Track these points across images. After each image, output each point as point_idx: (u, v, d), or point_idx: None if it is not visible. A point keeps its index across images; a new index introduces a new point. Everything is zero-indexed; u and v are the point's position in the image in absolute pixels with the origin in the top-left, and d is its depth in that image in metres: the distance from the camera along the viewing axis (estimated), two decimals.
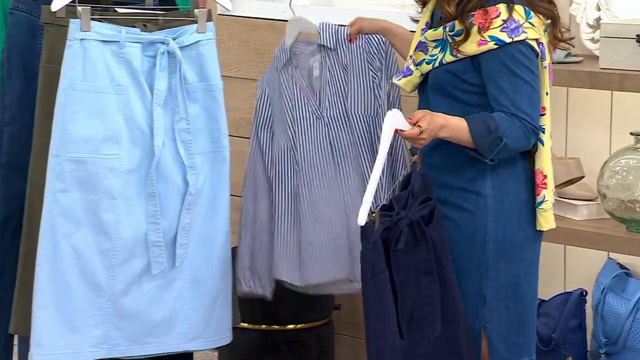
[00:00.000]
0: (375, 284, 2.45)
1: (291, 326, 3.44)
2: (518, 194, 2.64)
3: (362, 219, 2.41)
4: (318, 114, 2.98)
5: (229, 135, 2.89)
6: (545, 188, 2.63)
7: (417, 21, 2.74)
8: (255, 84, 3.82)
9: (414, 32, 2.76)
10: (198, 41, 2.76)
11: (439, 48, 2.62)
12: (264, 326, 3.43)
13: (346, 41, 2.96)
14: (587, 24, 3.34)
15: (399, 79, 2.68)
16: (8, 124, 2.86)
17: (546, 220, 2.65)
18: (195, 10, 2.78)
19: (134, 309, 2.73)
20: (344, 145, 2.98)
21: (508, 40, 2.56)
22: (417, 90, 2.71)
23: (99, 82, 2.70)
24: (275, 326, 3.43)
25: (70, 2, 2.70)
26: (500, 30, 2.56)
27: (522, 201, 2.64)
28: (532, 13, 2.59)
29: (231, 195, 3.01)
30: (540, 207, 2.64)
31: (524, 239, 2.64)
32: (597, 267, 3.34)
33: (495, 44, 2.57)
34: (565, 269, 3.50)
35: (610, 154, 3.30)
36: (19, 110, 2.85)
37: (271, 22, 3.72)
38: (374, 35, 2.98)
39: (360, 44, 2.98)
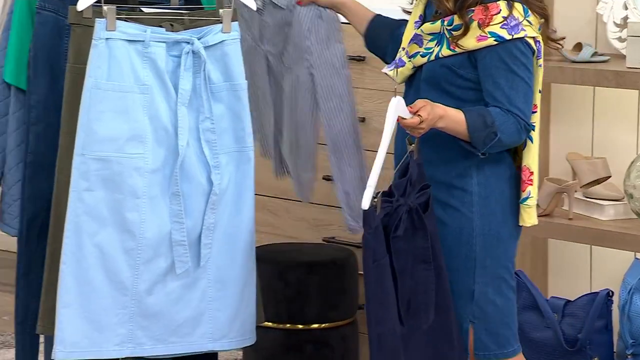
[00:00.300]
0: (376, 269, 2.47)
1: (315, 326, 3.43)
2: (502, 190, 2.67)
3: (365, 203, 2.44)
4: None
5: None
6: (531, 184, 2.67)
7: (408, 12, 2.76)
8: None
9: (402, 21, 2.78)
10: (223, 41, 2.76)
11: (435, 42, 2.65)
12: (288, 325, 3.43)
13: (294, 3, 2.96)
14: (614, 22, 3.32)
15: (390, 70, 2.70)
16: (34, 123, 2.87)
17: (529, 216, 2.68)
18: (220, 10, 2.78)
19: (158, 308, 2.73)
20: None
21: (508, 37, 2.59)
22: (407, 82, 2.72)
23: (124, 82, 2.70)
24: (299, 326, 3.43)
25: (96, 2, 2.69)
26: (501, 27, 2.59)
27: (506, 197, 2.67)
28: (529, 11, 2.62)
29: (256, 194, 3.01)
30: (525, 203, 2.68)
31: (508, 235, 2.67)
32: (623, 268, 3.32)
33: (495, 40, 2.59)
34: (592, 270, 3.49)
35: (637, 154, 3.28)
36: (45, 109, 2.86)
37: None
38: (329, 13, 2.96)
39: (310, 14, 2.96)
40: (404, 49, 2.70)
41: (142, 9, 2.86)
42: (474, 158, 2.64)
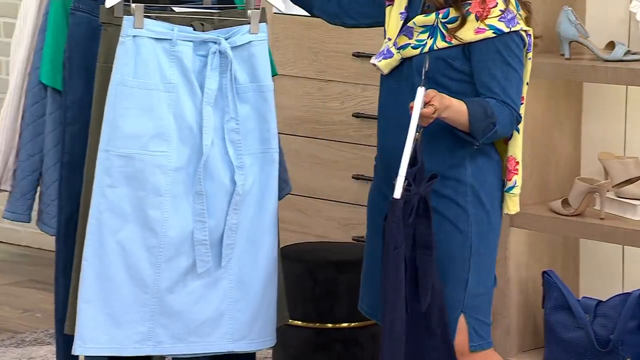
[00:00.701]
0: (395, 257, 2.53)
1: (345, 324, 3.43)
2: (492, 179, 2.71)
3: (398, 192, 2.51)
4: None
5: (283, 134, 2.88)
6: (517, 174, 2.72)
7: (391, 2, 2.76)
8: (310, 82, 3.83)
9: None
10: (250, 42, 2.75)
11: (427, 34, 2.67)
12: (317, 324, 3.43)
13: None
14: None
15: (379, 60, 2.72)
16: (70, 124, 2.88)
17: (514, 204, 2.74)
18: (249, 11, 2.78)
19: (179, 307, 2.73)
20: None
21: (506, 30, 2.63)
22: (390, 74, 2.73)
23: (150, 79, 2.70)
24: (329, 324, 3.43)
25: (126, 1, 2.70)
26: (499, 20, 2.63)
27: (496, 186, 2.72)
28: (519, 5, 2.67)
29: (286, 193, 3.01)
30: (511, 191, 2.73)
31: (497, 224, 2.73)
32: None
33: (493, 33, 2.63)
34: (624, 270, 3.46)
35: None
36: (80, 109, 2.87)
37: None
38: None
39: None
40: (389, 39, 2.72)
41: (173, 8, 2.86)
42: (466, 149, 2.68)
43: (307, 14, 2.93)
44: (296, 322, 3.40)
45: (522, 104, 2.70)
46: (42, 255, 4.81)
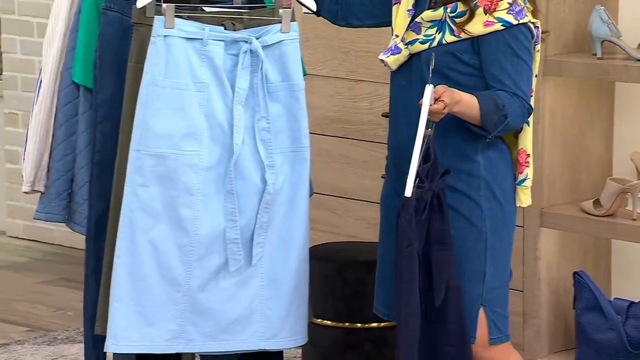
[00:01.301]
0: (409, 253, 2.54)
1: (374, 324, 3.42)
2: (504, 172, 2.71)
3: (409, 191, 2.52)
4: None
5: (313, 133, 2.88)
6: (528, 166, 2.73)
7: (398, 0, 2.76)
8: (340, 82, 3.82)
9: None
10: (281, 41, 2.75)
11: (435, 28, 2.68)
12: (347, 324, 3.42)
13: None
14: None
15: (387, 56, 2.73)
16: (101, 122, 2.89)
17: (526, 197, 2.74)
18: (280, 10, 2.78)
19: (210, 306, 2.73)
20: None
21: (515, 22, 2.64)
22: (398, 70, 2.73)
23: (181, 79, 2.71)
24: (358, 324, 3.42)
25: (157, 1, 2.71)
26: (507, 13, 2.63)
27: (508, 179, 2.72)
28: None
29: (315, 193, 3.01)
30: (522, 184, 2.73)
31: (511, 217, 2.73)
32: None
33: (502, 26, 2.64)
34: None
35: None
36: (111, 108, 2.87)
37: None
38: None
39: None
40: (397, 35, 2.72)
41: (204, 7, 2.87)
42: (478, 142, 2.68)
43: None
44: (326, 321, 3.40)
45: (531, 96, 2.71)
46: (74, 254, 4.83)
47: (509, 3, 2.64)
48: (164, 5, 2.70)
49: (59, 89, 2.98)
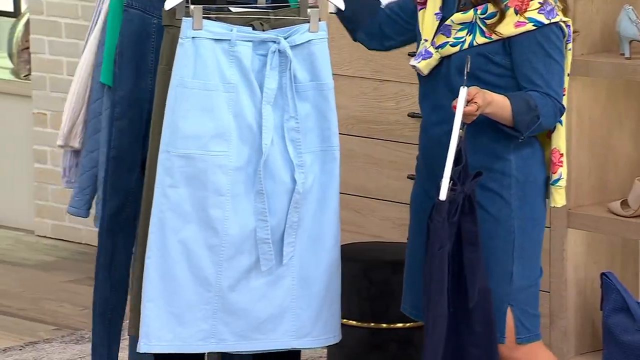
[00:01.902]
0: (440, 256, 2.55)
1: (400, 325, 3.42)
2: (537, 173, 2.70)
3: (443, 194, 2.54)
4: None
5: (339, 133, 2.88)
6: (562, 166, 2.72)
7: (418, 2, 2.75)
8: (366, 82, 3.82)
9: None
10: (310, 40, 2.76)
11: (466, 31, 2.67)
12: (372, 324, 3.42)
13: None
14: None
15: (419, 62, 2.72)
16: (118, 119, 2.90)
17: (561, 197, 2.73)
18: (308, 10, 2.78)
19: (242, 305, 2.74)
20: None
21: (546, 22, 2.63)
22: (428, 75, 2.73)
23: (210, 80, 2.72)
24: (383, 324, 3.42)
25: (186, 3, 2.71)
26: (538, 12, 2.63)
27: (541, 179, 2.71)
28: None
29: (341, 192, 3.00)
30: (557, 184, 2.72)
31: (541, 217, 2.72)
32: None
33: (533, 26, 2.63)
34: None
35: None
36: (129, 105, 2.88)
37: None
38: None
39: None
40: (426, 40, 2.72)
41: (230, 8, 2.87)
42: (510, 142, 2.68)
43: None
44: (351, 321, 3.40)
45: (564, 95, 2.70)
46: (95, 252, 4.85)
47: (539, 3, 2.63)
48: (192, 6, 2.71)
49: (91, 87, 3.00)
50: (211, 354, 2.95)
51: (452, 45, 2.69)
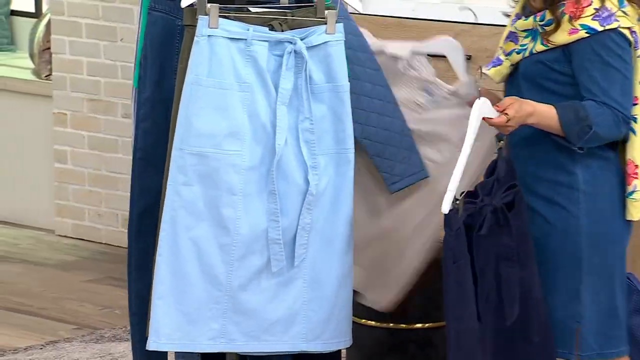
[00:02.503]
0: (457, 270, 2.50)
1: (419, 325, 3.41)
2: (610, 185, 2.63)
3: (445, 207, 2.49)
4: None
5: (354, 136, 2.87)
6: (637, 178, 2.63)
7: (508, 15, 2.74)
8: None
9: None
10: (326, 42, 2.76)
11: (530, 38, 2.63)
12: (391, 324, 3.42)
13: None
14: None
15: (489, 69, 2.69)
16: (142, 120, 2.91)
17: (637, 210, 2.64)
18: (325, 11, 2.78)
19: (252, 305, 2.74)
20: None
21: (600, 28, 2.56)
22: (507, 82, 2.71)
23: (224, 79, 2.72)
24: (402, 325, 3.41)
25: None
26: (592, 19, 2.56)
27: (614, 192, 2.63)
28: (625, 2, 2.58)
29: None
30: (631, 197, 2.63)
31: (616, 232, 2.63)
32: None
33: (586, 33, 2.56)
34: None
35: None
36: (153, 107, 2.90)
37: (401, 21, 3.70)
38: None
39: None
40: (500, 47, 2.70)
41: (249, 8, 2.88)
42: (573, 154, 2.62)
43: (382, 13, 2.92)
44: (370, 322, 3.40)
45: (635, 104, 2.62)
46: (121, 253, 4.86)
47: (595, 9, 2.57)
48: (208, 5, 2.71)
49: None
50: (230, 354, 2.95)
51: (517, 53, 2.65)
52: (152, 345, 2.70)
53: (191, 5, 2.74)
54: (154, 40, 2.89)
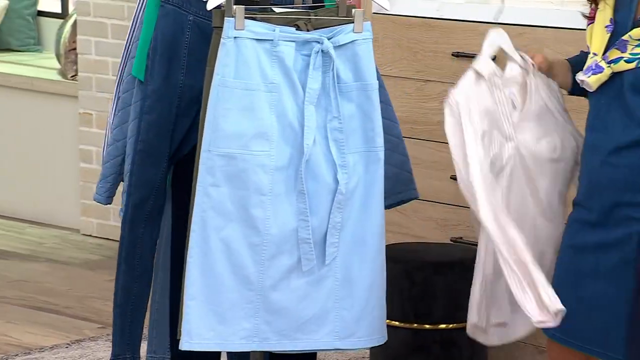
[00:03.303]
0: None
1: (443, 325, 3.41)
2: None
3: None
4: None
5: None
6: None
7: (587, 17, 2.67)
8: (409, 82, 3.81)
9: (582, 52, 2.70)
10: (354, 40, 2.76)
11: None
12: (415, 325, 3.42)
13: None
14: None
15: (588, 76, 2.61)
16: (147, 112, 2.91)
17: None
18: (353, 10, 2.79)
19: (283, 304, 2.75)
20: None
21: None
22: (597, 90, 2.63)
23: (251, 80, 2.73)
24: (427, 325, 3.42)
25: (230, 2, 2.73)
26: None
27: None
28: None
29: None
30: None
31: None
32: None
33: None
34: None
35: None
36: (159, 100, 2.90)
37: (425, 21, 3.70)
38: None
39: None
40: (595, 54, 2.61)
41: (273, 8, 2.89)
42: None
43: (406, 13, 2.90)
44: (394, 322, 3.40)
45: None
46: None
47: None
48: (235, 7, 2.72)
49: (122, 78, 3.02)
50: (255, 354, 2.96)
51: (626, 61, 2.56)
52: (184, 345, 2.71)
53: (218, 7, 2.75)
54: (165, 34, 2.88)
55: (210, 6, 2.75)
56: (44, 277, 4.65)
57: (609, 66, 2.59)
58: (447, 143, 3.76)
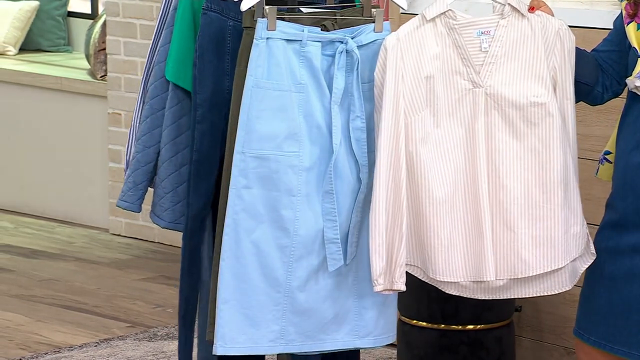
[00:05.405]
0: None
1: (470, 327, 3.41)
2: None
3: None
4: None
5: None
6: None
7: (629, 15, 2.61)
8: None
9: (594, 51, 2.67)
10: (375, 40, 2.77)
11: None
12: (442, 326, 3.42)
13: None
14: None
15: None
16: (200, 122, 2.92)
17: None
18: (373, 10, 2.79)
19: (309, 305, 2.75)
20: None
21: None
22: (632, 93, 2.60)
23: (282, 81, 2.73)
24: (454, 326, 3.41)
25: (263, 3, 2.73)
26: None
27: None
28: None
29: None
30: None
31: None
32: None
33: None
34: None
35: None
36: (210, 108, 2.90)
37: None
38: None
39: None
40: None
41: (301, 8, 2.89)
42: None
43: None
44: (421, 323, 3.40)
45: None
46: (173, 252, 4.91)
47: None
48: (267, 8, 2.73)
49: (148, 83, 3.02)
50: (282, 354, 2.97)
51: None
52: (219, 350, 2.71)
53: (250, 7, 2.75)
54: (210, 41, 2.89)
55: (244, 7, 2.76)
56: (74, 276, 4.67)
57: None
58: None
